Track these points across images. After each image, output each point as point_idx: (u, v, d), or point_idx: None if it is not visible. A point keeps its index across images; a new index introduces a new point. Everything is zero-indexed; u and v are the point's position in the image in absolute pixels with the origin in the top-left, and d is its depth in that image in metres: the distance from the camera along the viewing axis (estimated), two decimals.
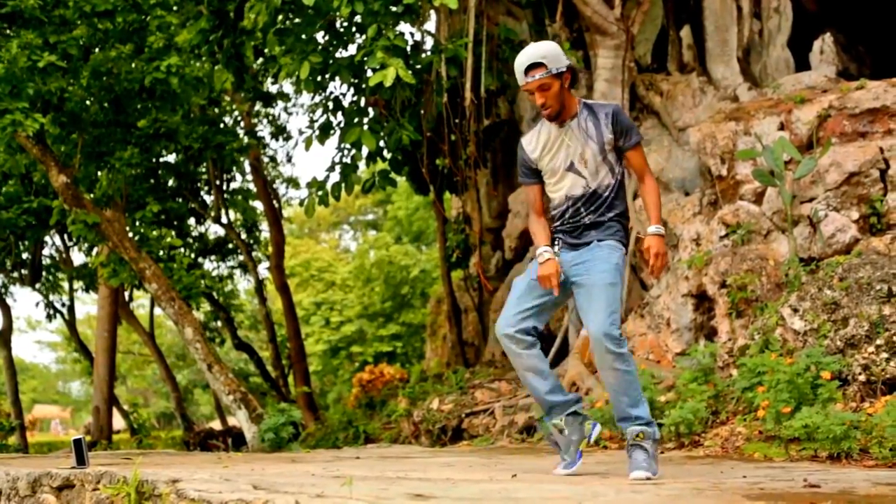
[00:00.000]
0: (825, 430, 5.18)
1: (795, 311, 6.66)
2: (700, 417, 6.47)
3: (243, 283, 23.21)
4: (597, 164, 4.52)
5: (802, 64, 10.16)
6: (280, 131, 20.18)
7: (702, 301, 8.38)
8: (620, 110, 4.62)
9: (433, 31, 11.65)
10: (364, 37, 9.32)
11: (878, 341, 6.08)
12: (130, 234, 13.30)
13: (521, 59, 4.47)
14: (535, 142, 4.67)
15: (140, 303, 24.50)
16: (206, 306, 20.59)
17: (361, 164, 10.60)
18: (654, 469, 4.33)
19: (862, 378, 6.04)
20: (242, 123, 18.68)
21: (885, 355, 6.02)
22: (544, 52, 4.46)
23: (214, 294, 19.59)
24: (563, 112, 4.53)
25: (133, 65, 11.96)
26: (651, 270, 4.53)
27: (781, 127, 8.44)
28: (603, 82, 10.24)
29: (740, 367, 6.44)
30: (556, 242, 4.65)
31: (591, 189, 4.53)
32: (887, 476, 4.36)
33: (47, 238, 18.67)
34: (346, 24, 9.83)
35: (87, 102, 12.35)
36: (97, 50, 11.90)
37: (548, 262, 4.55)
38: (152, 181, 15.78)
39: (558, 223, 4.66)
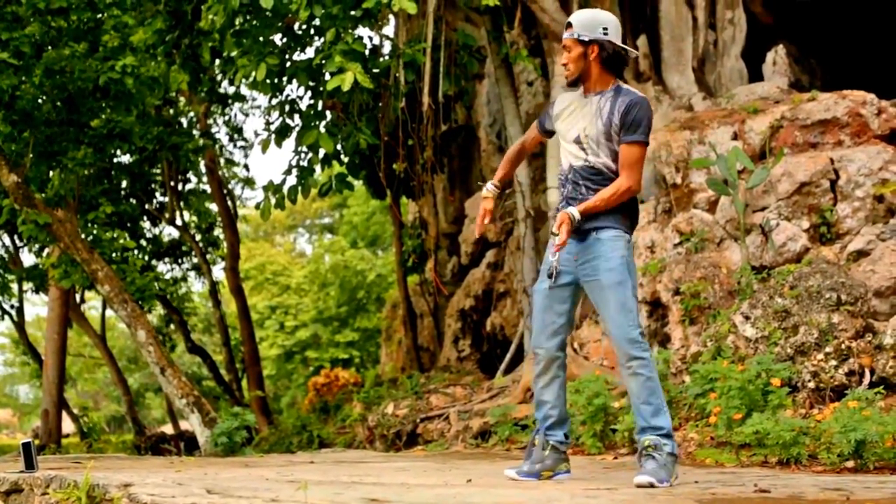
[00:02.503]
0: (775, 436, 5.26)
1: (747, 318, 6.75)
2: None
3: (197, 286, 22.98)
4: (598, 143, 4.39)
5: (756, 75, 10.30)
6: (236, 132, 20.03)
7: (656, 308, 8.45)
8: (641, 105, 4.38)
9: (392, 35, 11.64)
10: (322, 40, 9.29)
11: (827, 349, 6.19)
12: (83, 236, 13.11)
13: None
14: (562, 102, 4.64)
15: (92, 304, 24.11)
16: (160, 309, 20.36)
17: (318, 168, 10.57)
18: (661, 476, 4.15)
19: (811, 385, 6.14)
20: (198, 124, 18.51)
21: (833, 363, 6.13)
22: (580, 16, 4.56)
23: (168, 297, 19.38)
24: (583, 81, 4.51)
25: (87, 64, 11.79)
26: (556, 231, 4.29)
27: (735, 137, 8.55)
28: (560, 89, 10.28)
29: (693, 374, 6.50)
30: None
31: (590, 163, 4.40)
32: (834, 481, 4.43)
33: None
34: (304, 27, 9.80)
35: (40, 101, 12.15)
36: (50, 48, 11.72)
37: (484, 201, 4.62)
38: (106, 182, 15.58)
39: (564, 191, 4.52)
